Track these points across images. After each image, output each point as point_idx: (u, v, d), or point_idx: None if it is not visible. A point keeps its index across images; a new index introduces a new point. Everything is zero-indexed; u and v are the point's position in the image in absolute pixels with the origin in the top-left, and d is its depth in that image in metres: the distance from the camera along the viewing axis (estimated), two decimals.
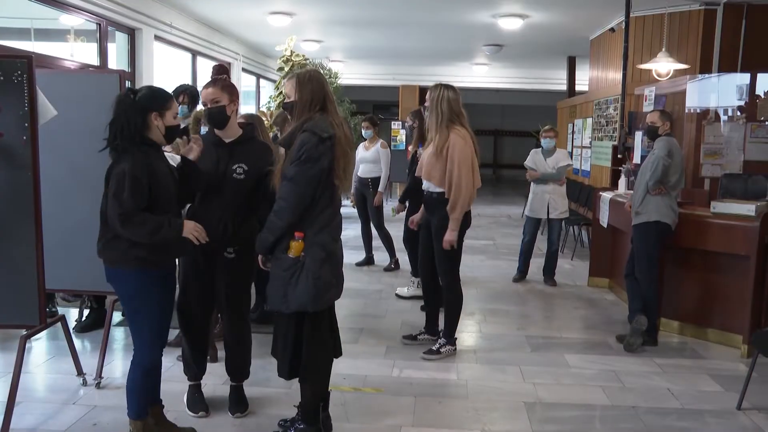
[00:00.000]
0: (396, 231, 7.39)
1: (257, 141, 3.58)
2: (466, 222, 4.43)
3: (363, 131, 7.33)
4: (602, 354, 4.70)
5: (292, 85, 3.03)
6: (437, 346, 4.55)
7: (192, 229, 2.98)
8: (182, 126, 5.38)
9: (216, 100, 3.32)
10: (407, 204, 5.94)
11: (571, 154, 10.09)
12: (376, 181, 7.09)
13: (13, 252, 3.24)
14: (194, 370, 3.58)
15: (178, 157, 4.20)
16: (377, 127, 7.36)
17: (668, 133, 4.86)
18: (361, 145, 7.32)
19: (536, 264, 7.42)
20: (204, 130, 4.62)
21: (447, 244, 4.31)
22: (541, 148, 6.85)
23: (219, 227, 3.32)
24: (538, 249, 8.32)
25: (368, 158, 7.12)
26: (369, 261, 7.48)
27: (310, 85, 3.02)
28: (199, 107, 4.62)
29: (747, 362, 4.45)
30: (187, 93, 5.41)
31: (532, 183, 6.83)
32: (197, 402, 3.55)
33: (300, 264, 2.98)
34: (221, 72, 3.48)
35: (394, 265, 7.23)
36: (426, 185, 4.46)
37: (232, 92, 3.38)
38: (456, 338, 4.71)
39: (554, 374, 4.28)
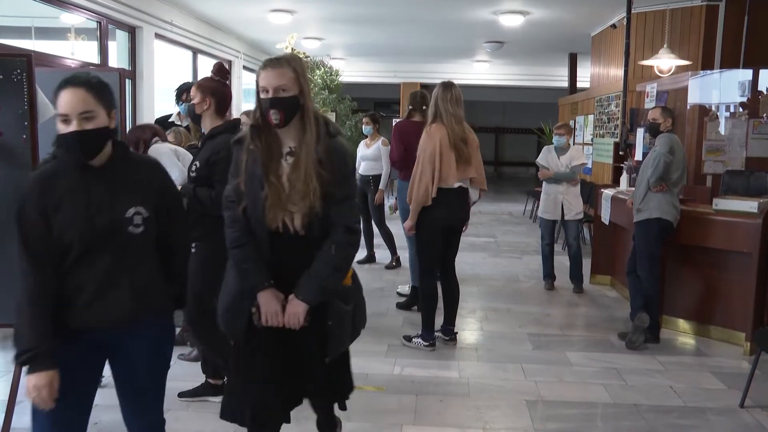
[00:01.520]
0: (397, 228, 7.38)
1: (218, 138, 3.31)
2: (438, 218, 4.45)
3: (363, 127, 7.32)
4: (604, 351, 4.69)
5: (291, 74, 2.29)
6: (413, 335, 4.68)
7: (31, 389, 1.99)
8: (185, 124, 5.40)
9: (192, 98, 3.45)
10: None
11: None
12: (377, 178, 7.08)
13: (13, 251, 3.23)
14: (212, 368, 3.66)
15: (183, 150, 4.19)
16: (378, 124, 7.35)
17: (670, 129, 4.84)
18: (362, 142, 7.32)
19: (537, 262, 7.40)
20: None
21: (405, 230, 4.71)
22: (553, 146, 6.50)
23: None
24: (539, 246, 8.32)
25: (369, 156, 7.12)
26: (370, 259, 7.47)
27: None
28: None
29: (749, 360, 4.43)
30: (189, 91, 5.41)
31: (544, 182, 6.48)
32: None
33: (354, 289, 2.60)
34: (215, 71, 3.49)
35: (395, 263, 7.23)
36: None
37: (205, 91, 3.41)
38: (456, 333, 4.76)
39: (556, 372, 4.27)
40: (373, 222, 7.26)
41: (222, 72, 3.47)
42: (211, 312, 3.23)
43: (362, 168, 7.14)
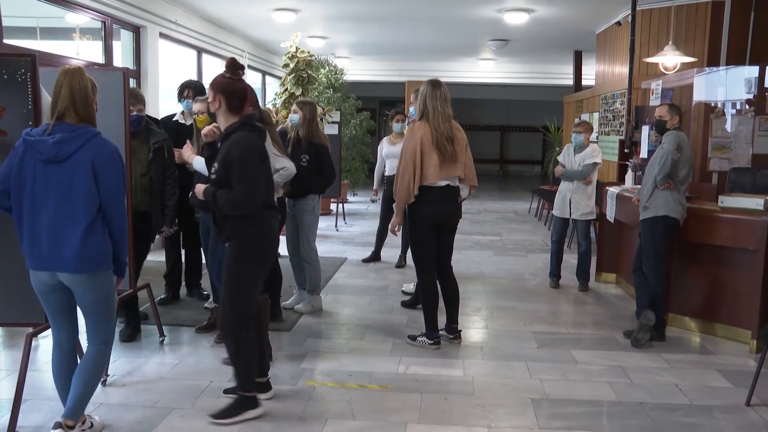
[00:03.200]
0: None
1: (233, 136, 3.32)
2: (429, 215, 4.45)
3: (395, 125, 7.05)
4: (609, 349, 4.68)
5: None
6: (418, 334, 4.68)
7: None
8: (188, 123, 5.40)
9: (208, 96, 3.42)
10: None
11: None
12: None
13: (17, 250, 3.25)
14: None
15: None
16: None
17: (677, 127, 4.82)
18: (385, 140, 7.15)
19: (542, 260, 7.40)
20: None
21: (390, 227, 4.73)
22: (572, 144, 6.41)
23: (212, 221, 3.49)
24: (544, 244, 8.31)
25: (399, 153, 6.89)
26: (375, 257, 7.44)
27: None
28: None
29: (756, 358, 4.41)
30: (191, 87, 5.40)
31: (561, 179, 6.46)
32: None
33: None
34: (227, 67, 3.44)
35: (403, 262, 7.20)
36: None
37: (215, 89, 3.35)
38: (460, 331, 4.76)
39: (561, 370, 4.26)
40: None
41: (234, 67, 3.39)
42: (243, 314, 3.33)
43: (392, 167, 6.91)
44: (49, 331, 3.15)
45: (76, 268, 2.86)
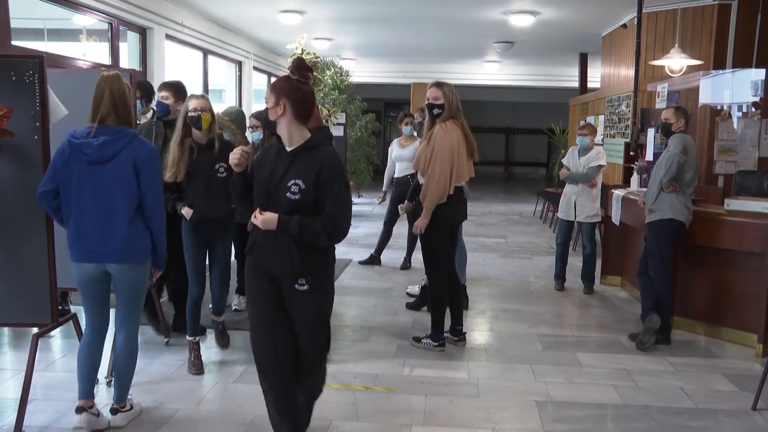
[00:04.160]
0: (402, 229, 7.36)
1: (323, 150, 2.84)
2: (451, 216, 4.48)
3: (405, 127, 6.98)
4: (614, 353, 4.67)
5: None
6: (422, 336, 4.68)
7: None
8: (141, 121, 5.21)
9: (267, 101, 2.88)
10: (415, 202, 5.92)
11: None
12: (415, 176, 6.91)
13: (25, 250, 3.27)
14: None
15: None
16: None
17: (683, 130, 4.81)
18: (395, 142, 7.11)
19: (547, 262, 7.39)
20: (250, 135, 4.64)
21: (415, 228, 4.53)
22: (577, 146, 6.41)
23: (280, 255, 2.81)
24: (549, 246, 8.30)
25: (409, 156, 6.61)
26: (372, 260, 7.40)
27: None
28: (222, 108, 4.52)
29: (762, 362, 4.39)
30: (138, 88, 5.11)
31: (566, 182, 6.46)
32: None
33: None
34: (293, 68, 2.89)
35: (408, 264, 7.20)
36: (419, 176, 4.67)
37: (279, 93, 2.80)
38: (465, 333, 4.75)
39: (566, 373, 4.25)
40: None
41: (301, 69, 2.85)
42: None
43: (400, 169, 6.91)
44: (54, 332, 3.19)
45: (121, 258, 3.12)
